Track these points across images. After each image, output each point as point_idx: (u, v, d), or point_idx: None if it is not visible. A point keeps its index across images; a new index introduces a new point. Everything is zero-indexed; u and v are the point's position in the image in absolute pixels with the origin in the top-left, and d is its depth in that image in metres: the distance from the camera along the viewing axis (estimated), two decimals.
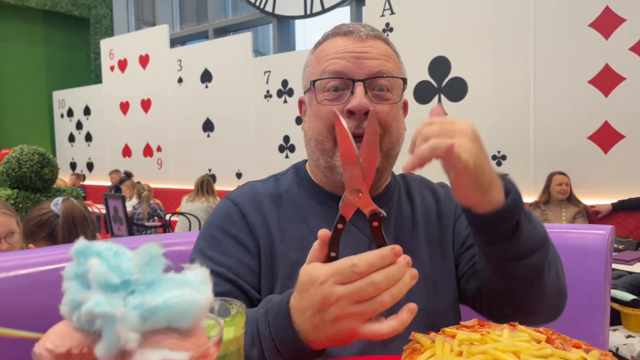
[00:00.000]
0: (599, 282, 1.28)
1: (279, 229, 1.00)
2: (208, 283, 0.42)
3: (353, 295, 0.67)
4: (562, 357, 0.65)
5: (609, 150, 4.83)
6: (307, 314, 0.73)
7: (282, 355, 0.77)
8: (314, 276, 0.71)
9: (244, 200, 1.03)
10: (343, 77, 0.96)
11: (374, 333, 0.69)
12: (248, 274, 0.96)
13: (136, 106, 9.07)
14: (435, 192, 1.16)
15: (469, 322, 0.81)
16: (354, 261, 0.68)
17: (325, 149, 0.99)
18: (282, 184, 1.09)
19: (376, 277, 0.67)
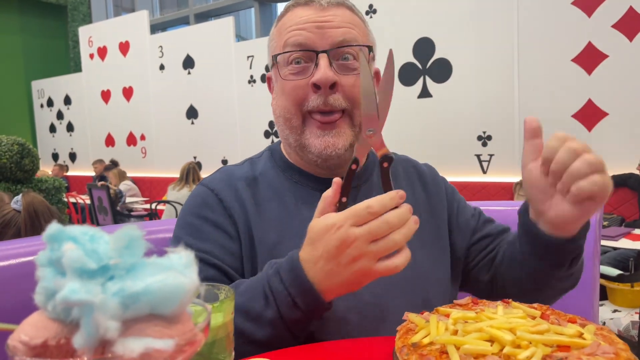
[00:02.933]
0: (588, 259, 1.28)
1: (256, 211, 0.98)
2: (193, 266, 0.40)
3: (370, 234, 0.72)
4: (558, 332, 0.64)
5: (593, 128, 4.87)
6: (321, 263, 0.75)
7: (299, 308, 0.78)
8: (329, 223, 0.75)
9: (219, 185, 1.01)
10: (305, 50, 0.93)
11: (389, 267, 0.74)
12: (230, 258, 0.94)
13: (118, 94, 8.92)
14: (422, 175, 1.13)
15: (462, 301, 0.80)
16: (369, 203, 0.73)
17: (294, 126, 0.96)
18: (257, 166, 1.06)
19: (390, 217, 0.72)
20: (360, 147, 0.80)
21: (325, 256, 0.75)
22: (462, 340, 0.62)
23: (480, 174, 5.52)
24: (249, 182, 1.01)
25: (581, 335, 0.63)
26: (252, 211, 0.98)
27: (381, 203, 0.73)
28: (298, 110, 0.95)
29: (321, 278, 0.76)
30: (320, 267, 0.76)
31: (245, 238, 0.96)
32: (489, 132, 5.43)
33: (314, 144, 0.94)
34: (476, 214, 1.13)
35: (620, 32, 4.66)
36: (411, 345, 0.65)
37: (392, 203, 0.73)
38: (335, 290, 0.77)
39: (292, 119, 0.96)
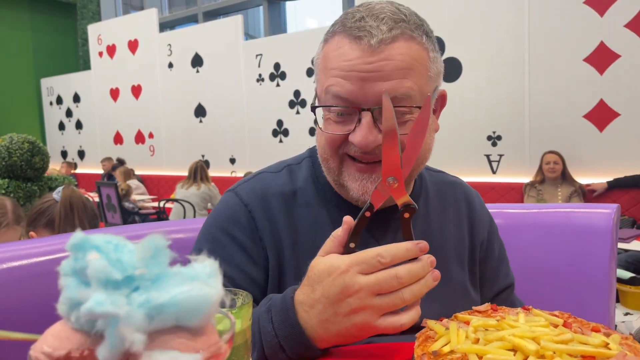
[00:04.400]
0: (604, 262, 1.27)
1: (291, 237, 0.89)
2: (218, 276, 0.39)
3: (376, 286, 0.66)
4: (582, 342, 0.62)
5: (605, 129, 4.82)
6: (318, 307, 0.70)
7: (284, 352, 0.73)
8: (333, 265, 0.69)
9: (253, 200, 0.91)
10: (347, 106, 0.82)
11: (393, 325, 0.68)
12: (252, 287, 0.88)
13: (126, 92, 8.95)
14: (471, 202, 1.05)
15: (481, 307, 0.78)
16: (379, 251, 0.67)
17: (331, 167, 0.89)
18: (297, 178, 0.96)
19: (400, 271, 0.66)
20: (379, 193, 0.73)
21: (323, 301, 0.70)
22: (485, 349, 0.61)
23: (489, 174, 5.48)
24: (286, 199, 0.92)
25: (606, 345, 0.61)
26: (286, 237, 0.89)
27: (393, 253, 0.67)
28: (335, 154, 0.86)
29: (315, 324, 0.71)
30: (316, 313, 0.70)
31: (274, 267, 0.88)
32: (499, 132, 5.39)
33: (353, 187, 0.86)
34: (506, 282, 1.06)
35: (633, 32, 4.61)
36: (432, 354, 0.64)
37: (406, 255, 0.67)
38: (328, 340, 0.72)
39: (329, 160, 0.88)
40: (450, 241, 0.98)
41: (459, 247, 0.99)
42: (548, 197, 4.57)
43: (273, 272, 0.89)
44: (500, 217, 1.42)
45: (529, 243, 1.36)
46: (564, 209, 1.39)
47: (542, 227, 1.36)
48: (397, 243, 0.69)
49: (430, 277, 0.69)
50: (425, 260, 0.69)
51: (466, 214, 1.03)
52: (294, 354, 0.73)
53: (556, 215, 1.37)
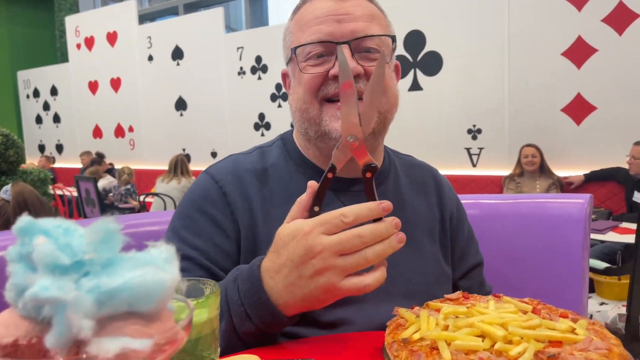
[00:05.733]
0: (578, 250, 1.28)
1: (263, 210, 0.91)
2: (174, 261, 0.38)
3: (339, 245, 0.66)
4: (550, 327, 0.63)
5: (582, 122, 4.89)
6: (284, 272, 0.70)
7: (251, 320, 0.73)
8: (297, 228, 0.69)
9: (225, 177, 0.94)
10: (326, 42, 0.88)
11: (356, 285, 0.68)
12: (223, 259, 0.89)
13: (105, 85, 8.81)
14: (439, 182, 1.09)
15: (453, 295, 0.79)
16: (342, 211, 0.67)
17: (312, 116, 0.91)
18: (268, 157, 0.99)
19: (363, 230, 0.66)
20: (340, 154, 0.72)
21: (288, 265, 0.70)
22: (453, 335, 0.61)
23: (469, 167, 5.53)
24: (257, 175, 0.94)
25: (573, 331, 0.62)
26: (259, 210, 0.91)
27: (356, 213, 0.67)
28: (314, 98, 0.90)
29: (280, 289, 0.71)
30: (281, 278, 0.71)
31: (248, 239, 0.90)
32: (479, 125, 5.43)
33: (334, 127, 0.88)
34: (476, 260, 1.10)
35: (610, 27, 4.67)
36: (401, 341, 0.64)
37: (369, 215, 0.68)
38: (295, 306, 0.72)
39: (308, 108, 0.91)
40: (420, 215, 1.01)
41: (429, 221, 1.02)
42: (527, 189, 4.63)
43: (246, 245, 0.90)
44: (476, 208, 1.43)
45: (504, 233, 1.37)
46: (538, 199, 1.40)
47: (516, 218, 1.37)
48: (361, 203, 0.69)
49: (395, 238, 0.68)
50: (389, 221, 0.68)
51: (435, 192, 1.07)
52: (260, 323, 0.73)
53: (530, 206, 1.38)
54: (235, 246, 0.90)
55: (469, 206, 1.43)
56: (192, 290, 0.64)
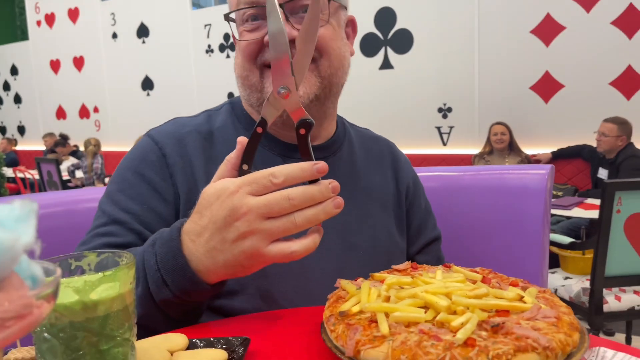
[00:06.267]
0: (538, 222, 1.26)
1: (206, 174, 0.86)
2: (30, 220, 0.31)
3: (265, 207, 0.61)
4: (497, 296, 0.58)
5: (550, 100, 4.91)
6: (205, 235, 0.65)
7: (168, 287, 0.67)
8: (223, 188, 0.63)
9: (166, 139, 0.89)
10: (257, 5, 0.84)
11: (283, 252, 0.62)
12: (159, 224, 0.83)
13: (68, 64, 8.48)
14: (396, 155, 1.06)
15: (401, 266, 0.74)
16: (272, 170, 0.62)
17: (252, 83, 0.87)
18: (216, 120, 0.94)
19: (293, 192, 0.61)
20: (271, 108, 0.66)
21: (210, 228, 0.64)
22: (393, 307, 0.56)
23: (440, 146, 5.53)
24: (203, 137, 0.90)
25: (521, 299, 0.58)
26: (201, 172, 0.86)
27: (287, 173, 0.61)
28: (253, 65, 0.86)
29: (201, 254, 0.65)
30: (203, 241, 0.65)
31: (188, 203, 0.84)
32: (450, 104, 5.42)
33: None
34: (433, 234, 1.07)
35: (578, 3, 4.68)
36: (338, 314, 0.59)
37: (302, 175, 0.61)
38: (217, 273, 0.66)
39: (249, 75, 0.87)
40: (375, 188, 0.98)
41: (383, 193, 0.99)
42: None
43: (185, 210, 0.84)
44: (437, 181, 1.40)
45: (464, 206, 1.33)
46: (499, 170, 1.37)
47: (477, 190, 1.34)
48: (292, 163, 0.63)
49: (332, 203, 0.62)
50: (324, 184, 0.62)
51: (390, 165, 1.03)
52: (178, 290, 0.67)
53: (491, 177, 1.35)
54: (173, 210, 0.85)
55: (431, 179, 1.40)
56: (106, 264, 0.58)
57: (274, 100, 0.66)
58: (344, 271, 0.69)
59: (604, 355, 0.51)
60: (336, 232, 0.88)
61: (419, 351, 0.49)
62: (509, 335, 0.50)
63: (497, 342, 0.49)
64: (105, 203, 0.86)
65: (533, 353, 0.49)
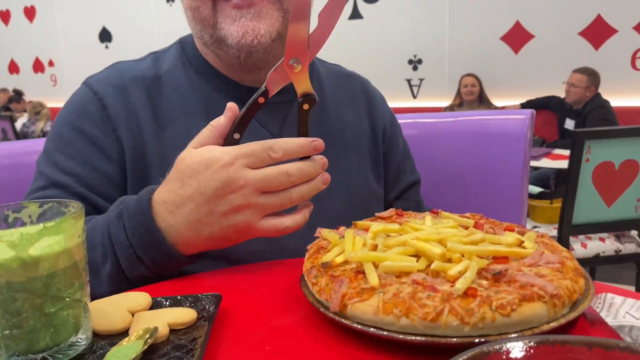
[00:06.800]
0: (517, 178, 1.22)
1: (155, 124, 0.78)
2: None
3: (264, 182, 0.59)
4: (494, 242, 0.53)
5: (520, 51, 4.88)
6: (189, 206, 0.60)
7: (143, 263, 0.63)
8: (214, 157, 0.59)
9: (105, 88, 0.79)
10: None
11: (276, 227, 0.61)
12: (106, 186, 0.75)
13: (18, 14, 7.94)
14: (370, 94, 0.98)
15: (385, 213, 0.68)
16: (271, 144, 0.59)
17: (204, 17, 0.77)
18: (163, 63, 0.84)
19: (292, 168, 0.60)
20: (277, 76, 0.62)
21: (197, 199, 0.59)
22: (382, 256, 0.50)
23: (410, 99, 5.48)
24: (148, 84, 0.81)
25: (521, 244, 0.53)
26: (148, 124, 0.78)
27: (286, 148, 0.59)
28: None
29: (181, 226, 0.61)
30: (185, 213, 0.60)
31: (135, 160, 0.76)
32: (420, 55, 5.33)
33: (230, 31, 0.74)
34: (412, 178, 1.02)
35: None
36: (321, 266, 0.53)
37: (298, 152, 0.60)
38: (197, 245, 0.62)
39: (199, 7, 0.76)
40: (348, 130, 0.90)
41: (358, 136, 0.92)
42: None
43: (133, 168, 0.76)
44: (415, 128, 1.34)
45: (444, 153, 1.28)
46: (479, 116, 1.32)
47: (457, 136, 1.29)
48: (291, 138, 0.61)
49: (321, 179, 0.62)
50: (318, 160, 0.62)
51: (365, 103, 0.96)
52: (154, 265, 0.63)
53: (470, 124, 1.29)
54: (118, 169, 0.77)
55: (407, 126, 1.34)
56: (50, 215, 0.50)
57: (282, 70, 0.62)
58: (317, 225, 0.64)
59: (612, 302, 0.47)
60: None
61: (414, 304, 0.44)
62: (512, 283, 0.45)
63: (500, 291, 0.44)
64: (43, 163, 0.77)
65: (539, 302, 0.44)
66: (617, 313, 0.45)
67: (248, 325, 0.51)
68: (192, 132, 0.75)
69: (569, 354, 0.40)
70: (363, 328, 0.45)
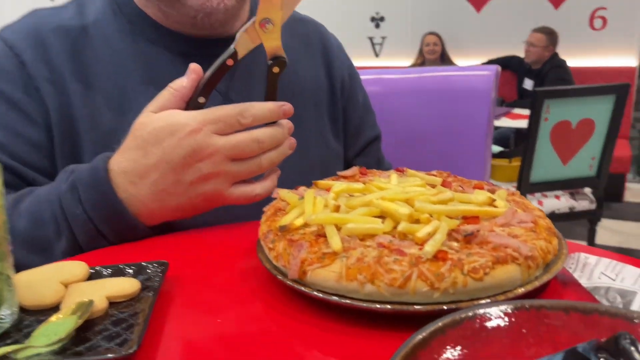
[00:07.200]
0: (482, 137, 1.20)
1: (83, 83, 0.69)
2: None
3: (235, 149, 0.56)
4: (464, 201, 0.50)
5: (482, 9, 4.85)
6: (153, 176, 0.56)
7: (105, 238, 0.58)
8: (179, 123, 0.55)
9: (23, 41, 0.69)
10: None
11: (246, 195, 0.59)
12: (32, 153, 0.68)
13: None
14: (326, 41, 0.91)
15: (347, 172, 0.64)
16: (240, 109, 0.57)
17: None
18: (89, 10, 0.74)
19: (262, 135, 0.58)
20: (247, 39, 0.58)
21: (162, 168, 0.55)
22: (345, 217, 0.46)
23: (373, 58, 5.40)
24: (73, 36, 0.71)
25: (492, 203, 0.49)
26: (75, 81, 0.69)
27: (255, 114, 0.57)
28: None
29: (145, 197, 0.57)
30: (149, 183, 0.56)
31: (62, 123, 0.68)
32: (382, 12, 5.23)
33: None
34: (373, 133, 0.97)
35: None
36: (278, 229, 0.48)
37: (268, 117, 0.58)
38: (162, 215, 0.59)
39: None
40: (304, 83, 0.84)
41: (315, 89, 0.86)
42: None
43: (61, 132, 0.69)
44: (379, 84, 1.29)
45: (407, 110, 1.25)
46: (443, 72, 1.28)
47: (421, 93, 1.25)
48: (260, 102, 0.58)
49: (288, 144, 0.61)
50: (285, 125, 0.60)
51: (321, 52, 0.89)
52: (117, 238, 0.59)
53: (435, 80, 1.26)
54: (44, 133, 0.68)
55: (370, 82, 1.29)
56: None
57: (253, 31, 0.58)
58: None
59: (586, 262, 0.44)
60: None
61: (380, 269, 0.40)
62: (485, 245, 0.42)
63: (471, 253, 0.41)
64: None
65: (513, 264, 0.41)
66: (592, 274, 0.43)
67: (198, 296, 0.47)
68: (128, 91, 0.69)
69: (545, 319, 0.37)
70: (324, 296, 0.41)
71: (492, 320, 0.36)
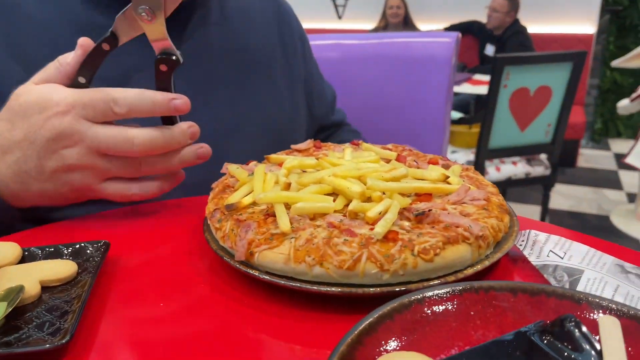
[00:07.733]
0: (441, 103, 1.19)
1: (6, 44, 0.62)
2: None
3: (103, 145, 0.49)
4: (418, 177, 0.49)
5: None
6: (17, 154, 0.50)
7: None
8: (52, 100, 0.48)
9: None
10: None
11: (120, 192, 0.53)
12: None
13: None
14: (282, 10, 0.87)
15: (301, 145, 0.62)
16: (115, 95, 0.48)
17: None
18: None
19: (139, 137, 0.49)
20: (125, 25, 0.51)
21: (25, 147, 0.50)
22: (295, 196, 0.44)
23: (335, 20, 5.30)
24: None
25: (446, 180, 0.48)
26: None
27: (132, 103, 0.49)
28: None
29: (7, 177, 0.51)
30: (11, 161, 0.50)
31: None
32: None
33: None
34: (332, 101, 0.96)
35: None
36: (225, 208, 0.46)
37: (151, 109, 0.50)
38: (27, 200, 0.53)
39: None
40: (256, 47, 0.80)
41: (268, 54, 0.81)
42: None
43: None
44: (338, 50, 1.26)
45: (368, 76, 1.23)
46: (404, 38, 1.26)
47: (381, 59, 1.22)
48: (144, 90, 0.50)
49: (193, 153, 0.53)
50: (181, 129, 0.51)
51: (274, 14, 0.85)
52: None
53: (395, 46, 1.23)
54: None
55: (329, 48, 1.26)
56: None
57: (131, 18, 0.50)
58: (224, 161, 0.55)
59: (536, 239, 0.44)
60: (212, 113, 0.71)
61: (329, 250, 0.39)
62: (436, 224, 0.41)
63: (422, 233, 0.40)
64: None
65: (464, 244, 0.40)
66: (541, 251, 0.43)
67: (140, 279, 0.44)
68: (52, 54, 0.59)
69: (493, 301, 0.37)
70: (272, 279, 0.40)
71: (440, 303, 0.35)
